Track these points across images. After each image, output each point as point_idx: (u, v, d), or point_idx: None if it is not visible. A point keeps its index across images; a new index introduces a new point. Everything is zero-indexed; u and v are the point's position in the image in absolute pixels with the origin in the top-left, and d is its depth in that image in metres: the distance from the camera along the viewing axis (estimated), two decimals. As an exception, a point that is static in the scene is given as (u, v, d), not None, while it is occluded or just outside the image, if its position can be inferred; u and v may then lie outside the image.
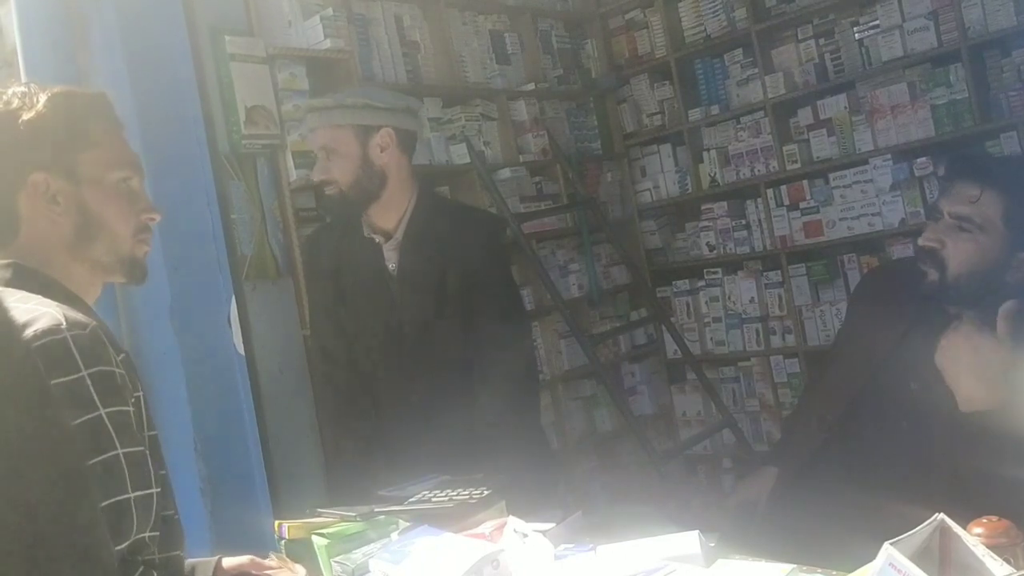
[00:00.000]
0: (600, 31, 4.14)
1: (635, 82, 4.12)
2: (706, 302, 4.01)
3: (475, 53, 3.45)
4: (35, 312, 1.08)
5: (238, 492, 2.15)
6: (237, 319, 2.25)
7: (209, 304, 2.21)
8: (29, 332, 1.05)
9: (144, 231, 1.30)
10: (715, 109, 3.88)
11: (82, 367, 1.06)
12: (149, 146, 2.03)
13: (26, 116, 1.21)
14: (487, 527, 1.48)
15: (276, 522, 1.71)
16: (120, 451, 1.08)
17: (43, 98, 1.23)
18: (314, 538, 1.61)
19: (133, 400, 1.14)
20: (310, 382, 2.41)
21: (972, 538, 0.92)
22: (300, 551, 1.66)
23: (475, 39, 3.47)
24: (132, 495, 1.09)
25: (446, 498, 1.60)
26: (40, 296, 1.14)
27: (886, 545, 0.84)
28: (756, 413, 3.87)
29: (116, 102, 2.07)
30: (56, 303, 1.12)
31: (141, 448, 1.12)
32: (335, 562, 1.54)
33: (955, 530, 0.91)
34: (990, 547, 0.94)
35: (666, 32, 3.98)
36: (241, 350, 2.25)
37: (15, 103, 1.22)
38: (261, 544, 1.74)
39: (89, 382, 1.06)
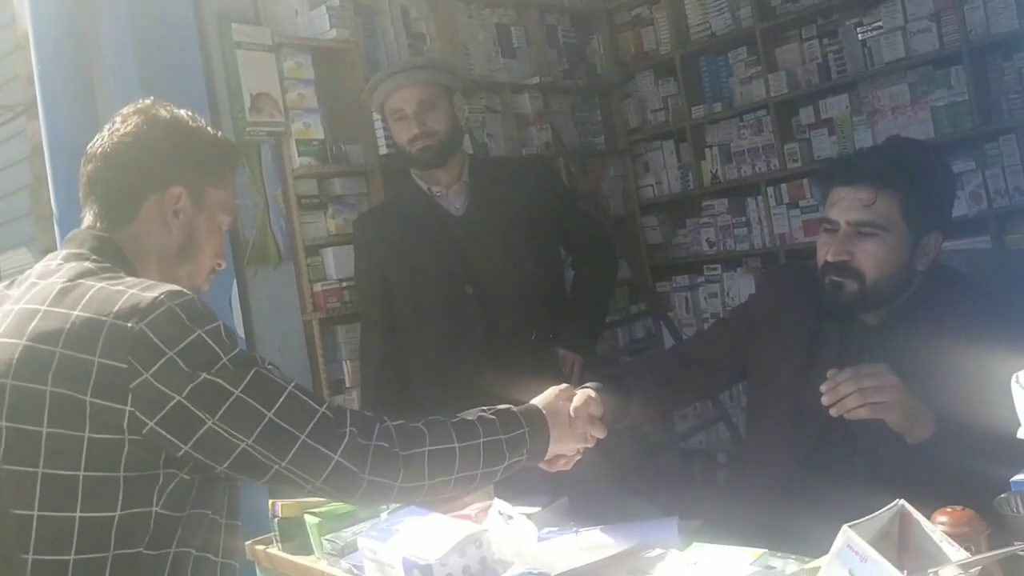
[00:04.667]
0: (606, 26, 4.16)
1: (640, 78, 4.15)
2: (705, 298, 4.04)
3: (481, 46, 3.48)
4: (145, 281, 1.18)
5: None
6: (238, 302, 2.30)
7: (211, 287, 2.25)
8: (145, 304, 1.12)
9: (212, 273, 1.41)
10: (718, 106, 3.90)
11: (216, 317, 1.17)
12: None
13: (198, 136, 1.34)
14: (473, 509, 1.52)
15: (271, 500, 1.76)
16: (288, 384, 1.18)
17: (212, 130, 1.37)
18: (306, 517, 1.66)
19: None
20: (308, 364, 2.45)
21: (931, 524, 0.95)
22: (293, 529, 1.71)
23: (481, 32, 3.50)
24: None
25: (435, 480, 1.64)
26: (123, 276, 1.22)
27: (845, 527, 0.88)
28: (752, 409, 3.90)
29: (123, 87, 2.12)
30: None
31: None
32: (326, 540, 1.59)
33: (915, 516, 0.95)
34: (953, 536, 0.97)
35: (672, 29, 4.00)
36: (241, 333, 2.30)
37: (195, 123, 1.35)
38: (256, 522, 1.78)
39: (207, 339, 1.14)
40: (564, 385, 1.42)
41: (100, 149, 1.31)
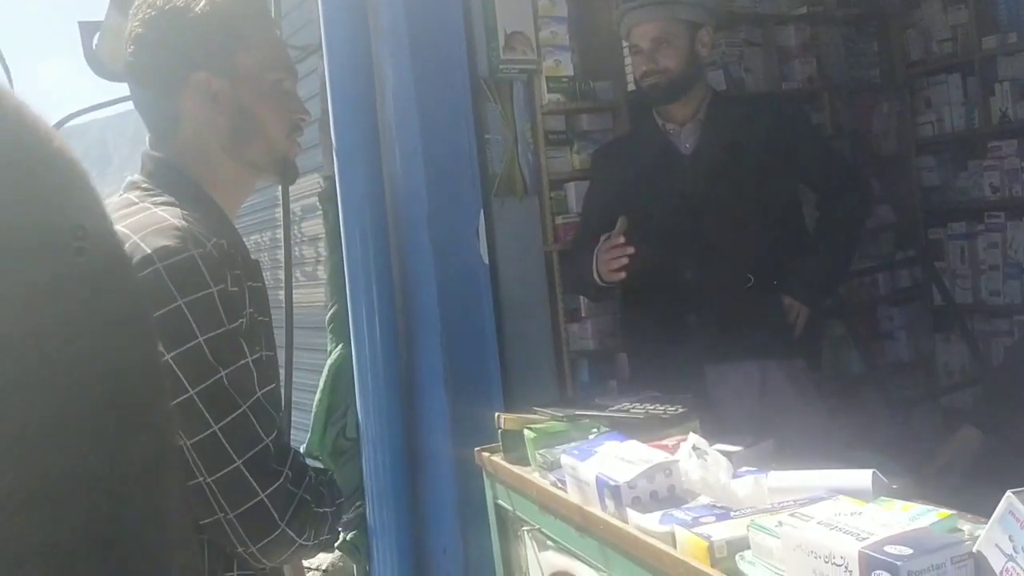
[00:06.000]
0: (891, -51, 3.84)
1: (925, 5, 3.79)
2: (984, 248, 3.69)
3: (746, -24, 3.37)
4: (157, 224, 1.12)
5: (475, 385, 2.40)
6: (484, 232, 2.47)
7: (460, 216, 2.43)
8: (154, 250, 1.07)
9: (296, 131, 1.33)
10: (1013, 37, 3.49)
11: (211, 284, 1.10)
12: (418, 72, 2.26)
13: (190, 15, 1.22)
14: (671, 440, 1.58)
15: (496, 414, 1.92)
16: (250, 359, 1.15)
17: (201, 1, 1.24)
18: (525, 431, 1.80)
19: (246, 315, 1.17)
20: (547, 293, 2.59)
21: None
22: (514, 441, 1.86)
23: (747, -40, 3.38)
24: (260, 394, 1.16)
25: (642, 411, 1.72)
26: (166, 204, 1.18)
27: (1008, 493, 0.85)
28: (1030, 372, 3.55)
29: (393, 33, 2.32)
30: (181, 215, 1.16)
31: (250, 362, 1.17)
32: (539, 453, 1.72)
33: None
34: None
35: (967, -51, 3.62)
36: (486, 260, 2.47)
37: (179, 2, 1.22)
38: (490, 432, 1.96)
39: (218, 300, 1.10)
40: None
41: (127, 65, 1.24)
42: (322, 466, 1.90)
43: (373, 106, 2.35)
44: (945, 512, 1.13)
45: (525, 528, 1.76)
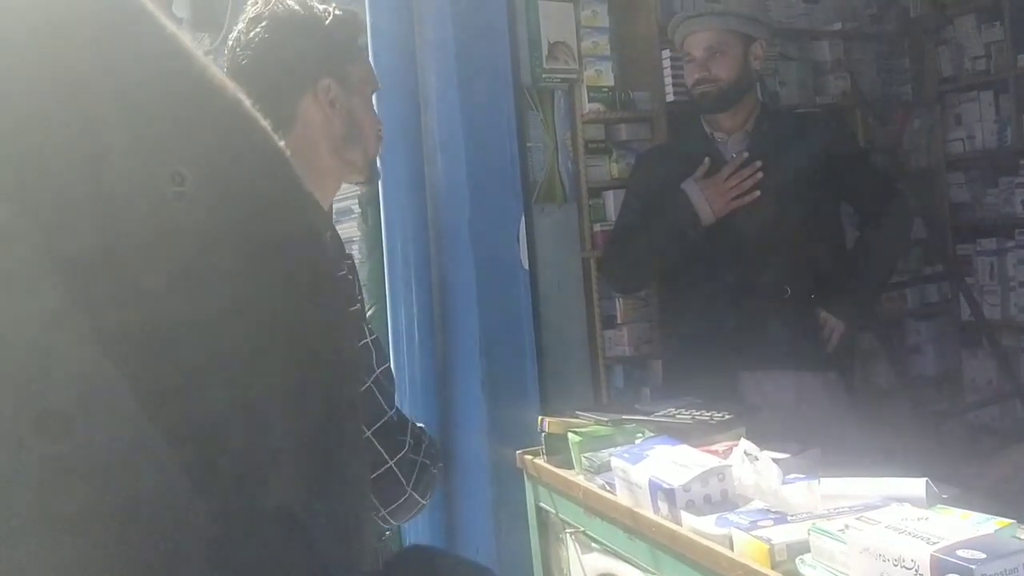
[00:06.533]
0: (925, -34, 3.87)
1: (959, 22, 3.81)
2: (1014, 264, 3.70)
3: (783, -10, 3.39)
4: None
5: (513, 389, 2.42)
6: (524, 237, 2.50)
7: (501, 221, 2.46)
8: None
9: (378, 139, 1.44)
10: (1050, 54, 3.51)
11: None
12: (463, 80, 2.30)
13: (321, 24, 1.31)
14: (721, 446, 1.60)
15: (540, 417, 1.95)
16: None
17: (334, 10, 1.34)
18: (569, 435, 1.82)
19: (359, 299, 1.31)
20: (584, 299, 2.62)
21: None
22: (558, 444, 1.88)
23: (784, -25, 3.41)
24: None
25: (689, 416, 1.74)
26: None
27: (1082, 502, 0.87)
28: (1058, 390, 3.56)
29: (439, 44, 2.35)
30: None
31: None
32: (584, 457, 1.74)
33: None
34: None
35: (1003, -34, 3.64)
36: (525, 265, 2.50)
37: (316, 10, 1.32)
38: (528, 436, 1.98)
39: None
40: None
41: (236, 67, 1.29)
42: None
43: (417, 113, 2.38)
44: (1005, 521, 1.15)
45: (568, 531, 1.78)
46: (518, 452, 1.95)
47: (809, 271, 2.28)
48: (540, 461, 1.89)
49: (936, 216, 3.73)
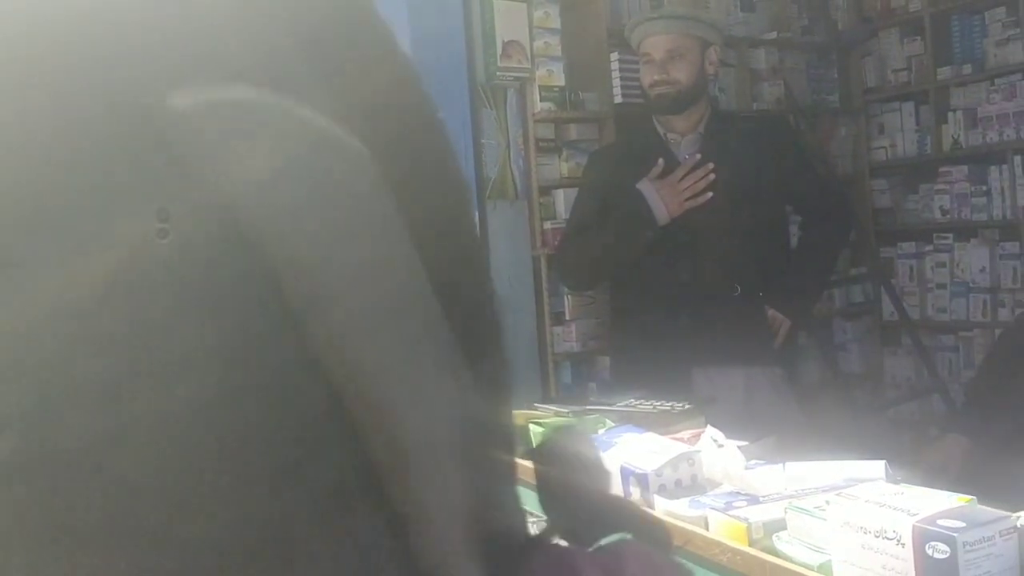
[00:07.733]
0: (852, -19, 4.04)
1: (884, 35, 4.00)
2: (932, 267, 3.89)
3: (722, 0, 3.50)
4: None
5: (465, 384, 2.44)
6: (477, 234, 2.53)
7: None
8: None
9: None
10: (967, 68, 3.70)
11: None
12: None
13: None
14: (685, 434, 1.65)
15: (500, 410, 1.97)
16: None
17: None
18: (531, 426, 1.86)
19: None
20: (535, 296, 2.66)
21: None
22: (520, 437, 1.91)
23: (722, -16, 3.52)
24: None
25: (650, 407, 1.79)
26: None
27: (1050, 473, 0.94)
28: (971, 386, 3.75)
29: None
30: None
31: None
32: (549, 447, 1.78)
33: None
34: None
35: (924, -15, 3.83)
36: (479, 261, 2.53)
37: None
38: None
39: None
40: None
41: None
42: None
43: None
44: (966, 497, 1.22)
45: (531, 520, 1.81)
46: (478, 444, 1.96)
47: (758, 270, 2.36)
48: (501, 452, 1.91)
49: (860, 220, 3.89)
